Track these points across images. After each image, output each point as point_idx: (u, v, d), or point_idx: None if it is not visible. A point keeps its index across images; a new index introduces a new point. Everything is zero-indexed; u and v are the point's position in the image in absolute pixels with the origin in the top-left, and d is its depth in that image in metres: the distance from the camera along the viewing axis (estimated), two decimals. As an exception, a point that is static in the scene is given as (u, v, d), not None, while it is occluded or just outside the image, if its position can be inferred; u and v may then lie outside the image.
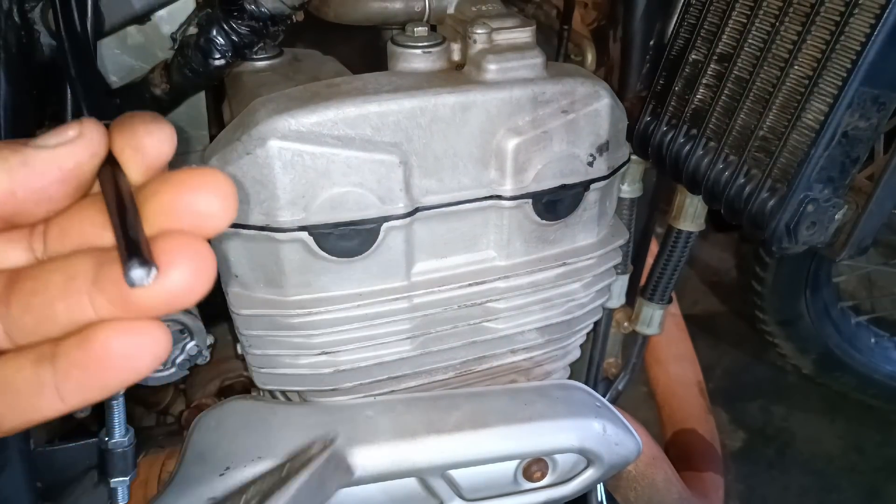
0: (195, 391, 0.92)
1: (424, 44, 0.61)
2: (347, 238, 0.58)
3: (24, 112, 0.60)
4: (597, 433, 0.69)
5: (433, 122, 0.57)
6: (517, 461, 0.69)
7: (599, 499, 0.94)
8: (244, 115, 0.57)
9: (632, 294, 0.92)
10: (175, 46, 0.69)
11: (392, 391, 0.68)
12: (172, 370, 0.70)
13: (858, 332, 1.68)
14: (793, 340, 1.66)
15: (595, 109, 0.61)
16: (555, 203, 0.63)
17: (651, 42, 0.75)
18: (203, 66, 0.65)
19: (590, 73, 0.64)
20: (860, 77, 0.55)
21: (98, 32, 0.65)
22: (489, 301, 0.66)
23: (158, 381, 0.70)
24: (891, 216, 0.67)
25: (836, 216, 0.64)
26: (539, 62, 0.60)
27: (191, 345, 0.69)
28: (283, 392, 0.72)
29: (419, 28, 0.62)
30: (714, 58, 0.67)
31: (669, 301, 0.91)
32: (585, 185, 0.63)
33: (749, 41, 0.64)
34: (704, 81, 0.68)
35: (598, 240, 0.69)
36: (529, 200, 0.62)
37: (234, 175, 0.55)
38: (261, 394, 0.75)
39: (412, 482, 0.68)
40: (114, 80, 0.73)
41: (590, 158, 0.63)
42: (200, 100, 0.76)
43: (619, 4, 0.77)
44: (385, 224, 0.58)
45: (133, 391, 0.85)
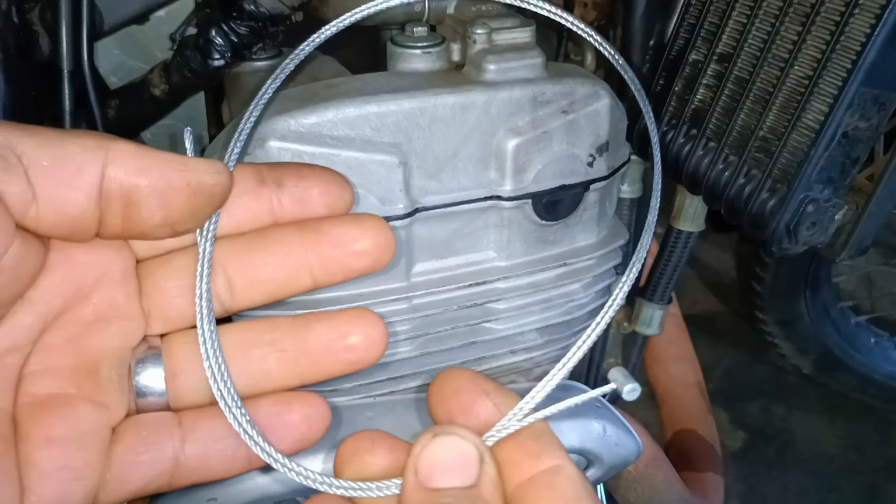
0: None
1: (424, 44, 0.61)
2: (347, 239, 0.58)
3: (24, 112, 0.60)
4: (597, 434, 0.68)
5: (433, 123, 0.57)
6: (517, 462, 0.69)
7: (599, 499, 0.94)
8: (243, 116, 0.57)
9: (632, 294, 0.92)
10: (174, 47, 0.69)
11: (392, 392, 0.68)
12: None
13: (858, 332, 1.68)
14: (792, 340, 1.66)
15: (595, 110, 0.61)
16: (555, 203, 0.63)
17: (651, 42, 0.75)
18: (202, 67, 0.65)
19: (590, 74, 0.64)
20: (860, 77, 0.55)
21: (97, 33, 0.65)
22: (489, 302, 0.66)
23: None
24: (891, 216, 0.67)
25: (837, 216, 0.64)
26: (539, 62, 0.60)
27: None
28: (283, 393, 0.71)
29: (419, 28, 0.62)
30: (714, 58, 0.67)
31: (669, 301, 0.91)
32: (585, 186, 0.63)
33: (749, 41, 0.64)
34: (704, 81, 0.68)
35: (598, 240, 0.69)
36: (529, 201, 0.61)
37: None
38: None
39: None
40: (113, 81, 0.73)
41: (590, 159, 0.62)
42: (200, 100, 0.76)
43: (619, 4, 0.77)
44: (385, 225, 0.58)
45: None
